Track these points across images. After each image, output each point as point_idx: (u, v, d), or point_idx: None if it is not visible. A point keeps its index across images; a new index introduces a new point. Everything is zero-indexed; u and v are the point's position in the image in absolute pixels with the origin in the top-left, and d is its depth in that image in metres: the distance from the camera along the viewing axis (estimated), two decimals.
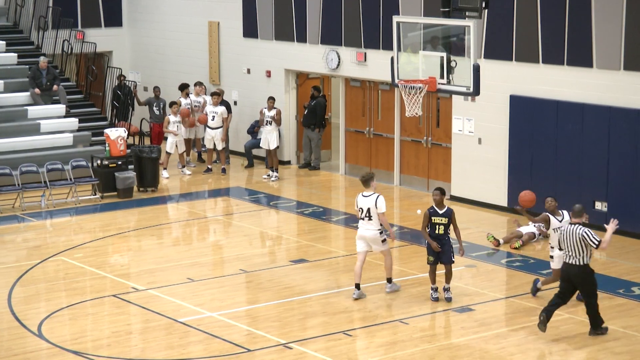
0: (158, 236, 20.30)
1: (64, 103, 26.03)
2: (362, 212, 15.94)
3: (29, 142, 24.29)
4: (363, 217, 15.95)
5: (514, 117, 21.16)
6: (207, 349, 14.12)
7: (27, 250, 19.29)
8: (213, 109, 25.48)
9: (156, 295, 16.35)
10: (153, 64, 29.92)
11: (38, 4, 28.37)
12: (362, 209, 16.00)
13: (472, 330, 14.80)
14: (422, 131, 23.63)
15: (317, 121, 25.58)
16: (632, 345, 14.17)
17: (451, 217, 15.79)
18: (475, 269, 17.84)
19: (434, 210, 15.83)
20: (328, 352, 13.92)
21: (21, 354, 14.00)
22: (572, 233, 14.10)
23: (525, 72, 20.95)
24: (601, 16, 19.52)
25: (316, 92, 25.66)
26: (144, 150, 23.76)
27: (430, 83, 16.68)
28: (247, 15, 26.90)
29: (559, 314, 15.30)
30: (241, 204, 22.86)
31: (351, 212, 21.54)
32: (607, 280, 17.01)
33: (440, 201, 15.79)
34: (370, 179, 16.24)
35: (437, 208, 15.82)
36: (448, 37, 16.74)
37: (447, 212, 15.79)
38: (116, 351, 14.08)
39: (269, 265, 18.04)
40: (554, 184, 20.53)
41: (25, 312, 15.61)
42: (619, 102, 19.44)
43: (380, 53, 23.50)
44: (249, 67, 27.12)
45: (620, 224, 19.36)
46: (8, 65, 26.72)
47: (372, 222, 15.90)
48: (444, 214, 15.74)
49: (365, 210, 15.90)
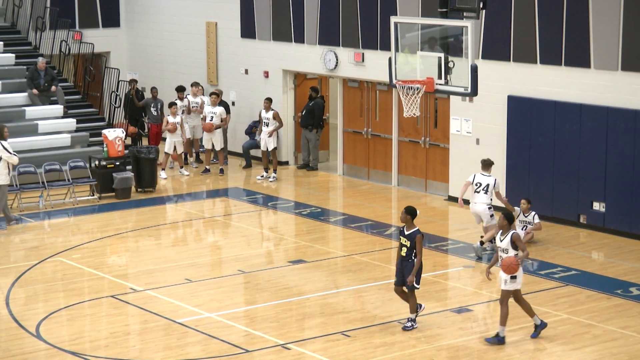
0: (156, 237, 20.29)
1: (61, 104, 26.02)
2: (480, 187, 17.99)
3: (27, 142, 24.25)
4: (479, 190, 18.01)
5: (512, 117, 21.17)
6: (205, 349, 14.12)
7: (25, 251, 19.28)
8: (211, 110, 25.48)
9: (154, 296, 16.35)
10: (151, 65, 29.91)
11: (35, 4, 28.36)
12: (480, 183, 18.12)
13: (470, 331, 14.80)
14: (419, 132, 23.63)
15: (314, 122, 25.59)
16: (630, 346, 14.17)
17: (414, 241, 14.50)
18: (473, 269, 17.85)
19: (402, 229, 14.75)
20: (326, 353, 13.92)
21: (19, 354, 13.99)
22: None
23: (523, 73, 20.96)
24: (599, 17, 19.54)
25: (314, 93, 25.66)
26: (141, 150, 23.75)
27: (428, 83, 16.68)
28: (244, 15, 26.90)
29: (558, 314, 15.32)
30: (239, 204, 22.86)
31: (349, 213, 21.55)
32: (605, 281, 17.03)
33: (404, 221, 14.63)
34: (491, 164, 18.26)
35: (405, 228, 14.69)
36: (446, 38, 16.74)
37: (411, 235, 14.54)
38: (114, 352, 14.08)
39: (267, 265, 18.04)
40: (552, 185, 20.55)
41: (23, 313, 15.60)
42: (616, 102, 19.45)
43: (378, 53, 23.50)
44: (247, 67, 27.12)
45: (618, 225, 19.50)
46: (6, 65, 26.70)
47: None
48: (408, 236, 14.54)
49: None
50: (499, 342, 14.16)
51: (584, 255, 18.53)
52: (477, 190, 18.38)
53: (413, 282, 14.51)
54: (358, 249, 18.94)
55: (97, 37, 29.27)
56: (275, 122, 24.79)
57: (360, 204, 22.47)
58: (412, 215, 14.61)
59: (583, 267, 17.82)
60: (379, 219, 21.02)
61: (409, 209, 14.64)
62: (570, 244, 19.33)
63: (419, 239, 14.49)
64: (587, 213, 19.99)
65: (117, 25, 30.41)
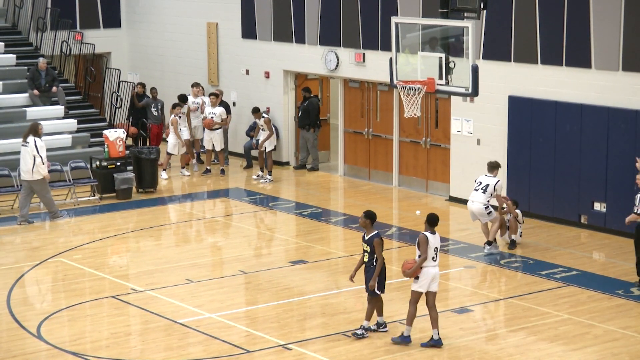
0: (157, 237, 20.30)
1: (62, 104, 26.03)
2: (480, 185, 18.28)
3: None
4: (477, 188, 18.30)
5: (513, 117, 21.18)
6: (206, 350, 14.12)
7: (26, 251, 19.29)
8: (212, 110, 25.49)
9: (155, 297, 16.35)
10: (152, 65, 29.92)
11: (36, 5, 28.38)
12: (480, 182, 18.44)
13: (471, 331, 14.80)
14: (420, 132, 23.63)
15: (311, 121, 25.56)
16: (631, 346, 14.18)
17: (372, 245, 14.23)
18: (474, 269, 17.85)
19: (363, 234, 14.49)
20: (327, 353, 13.92)
21: (20, 355, 14.00)
22: None
23: (523, 73, 20.96)
24: (599, 17, 19.54)
25: (307, 93, 25.68)
26: (142, 151, 23.76)
27: (428, 84, 16.67)
28: (245, 16, 26.91)
29: (559, 315, 15.32)
30: (240, 205, 22.87)
31: (350, 213, 21.55)
32: (606, 281, 17.04)
33: (364, 225, 14.36)
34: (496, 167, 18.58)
35: (365, 233, 14.41)
36: (446, 38, 16.74)
37: (370, 240, 14.27)
38: (115, 352, 14.08)
39: (268, 266, 18.04)
40: (553, 185, 20.55)
41: (24, 314, 15.61)
42: (617, 102, 19.45)
43: (379, 54, 23.50)
44: (248, 68, 27.12)
45: (619, 225, 19.49)
46: (7, 66, 26.72)
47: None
48: (367, 241, 14.27)
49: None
50: (403, 341, 14.14)
51: (584, 255, 18.53)
52: (476, 189, 18.51)
53: (374, 288, 14.22)
54: (359, 249, 18.86)
55: (98, 38, 29.29)
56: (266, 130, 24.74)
57: (361, 204, 22.45)
58: (371, 219, 14.29)
59: (584, 267, 17.82)
60: (380, 220, 20.89)
61: (367, 213, 14.33)
62: (571, 244, 19.33)
63: (377, 243, 14.17)
64: (588, 213, 19.99)
65: (118, 25, 30.42)
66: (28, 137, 20.94)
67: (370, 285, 14.22)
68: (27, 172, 20.80)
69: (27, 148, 20.81)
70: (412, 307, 14.15)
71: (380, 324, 14.60)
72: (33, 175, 20.77)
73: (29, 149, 20.78)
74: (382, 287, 14.37)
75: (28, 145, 20.81)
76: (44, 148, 20.95)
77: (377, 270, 14.20)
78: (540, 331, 14.72)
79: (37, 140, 20.85)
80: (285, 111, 26.27)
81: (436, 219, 14.30)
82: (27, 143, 20.84)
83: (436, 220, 14.29)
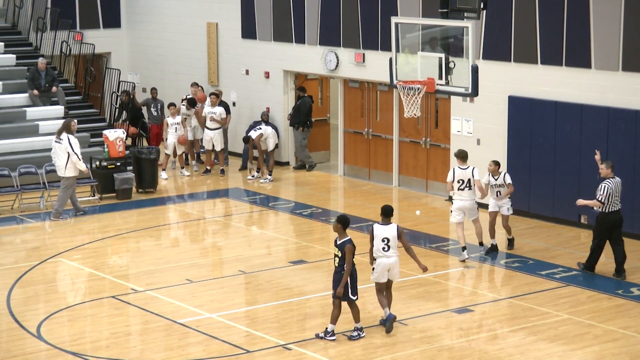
0: (157, 237, 20.30)
1: (62, 104, 26.03)
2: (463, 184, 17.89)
3: (28, 143, 24.29)
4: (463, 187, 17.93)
5: (513, 117, 21.18)
6: (206, 350, 14.12)
7: (25, 251, 19.28)
8: (211, 110, 25.48)
9: (155, 297, 16.35)
10: (152, 65, 29.92)
11: (36, 5, 28.37)
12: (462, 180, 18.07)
13: (471, 331, 14.80)
14: (420, 132, 23.63)
15: (300, 120, 25.53)
16: (631, 346, 14.18)
17: (343, 251, 14.10)
18: (474, 269, 17.85)
19: (335, 239, 14.34)
20: (327, 354, 13.92)
21: (20, 355, 14.00)
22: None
23: (523, 73, 20.96)
24: (599, 17, 19.54)
25: (301, 92, 25.69)
26: (142, 151, 23.76)
27: (428, 84, 16.68)
28: (245, 16, 26.91)
29: (559, 315, 15.32)
30: (240, 205, 22.86)
31: (350, 213, 21.54)
32: (606, 281, 17.03)
33: (336, 230, 14.26)
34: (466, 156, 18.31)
35: (337, 238, 14.26)
36: (446, 38, 16.75)
37: (341, 245, 14.13)
38: (115, 352, 14.08)
39: (268, 266, 18.04)
40: (553, 185, 20.55)
41: (24, 314, 15.60)
42: (617, 102, 19.45)
43: (379, 54, 23.50)
44: (248, 68, 27.12)
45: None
46: (6, 66, 26.71)
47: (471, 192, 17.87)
48: (339, 246, 14.14)
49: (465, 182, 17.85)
50: (388, 319, 14.65)
51: (584, 255, 18.48)
52: (461, 188, 18.27)
53: (341, 294, 14.10)
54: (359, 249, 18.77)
55: (97, 38, 29.28)
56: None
57: (361, 204, 22.47)
58: (343, 224, 14.23)
59: None
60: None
61: (340, 218, 14.29)
62: (571, 244, 19.33)
63: (349, 249, 14.03)
64: (588, 213, 19.97)
65: (118, 25, 30.41)
66: (61, 134, 21.23)
67: (338, 292, 14.13)
68: (60, 168, 21.14)
69: (61, 145, 21.12)
70: (379, 295, 14.77)
71: (359, 329, 14.43)
72: (65, 172, 21.07)
73: (62, 146, 21.08)
74: (354, 292, 14.28)
75: (62, 142, 21.13)
76: (77, 144, 21.25)
77: (345, 277, 14.08)
78: (540, 331, 14.72)
79: (70, 137, 21.16)
80: (285, 111, 26.27)
81: (389, 210, 14.59)
82: (61, 140, 21.17)
83: (389, 211, 14.58)
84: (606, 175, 17.18)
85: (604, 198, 17.00)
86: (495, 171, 18.55)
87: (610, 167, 17.23)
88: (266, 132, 24.91)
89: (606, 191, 17.00)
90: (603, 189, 17.01)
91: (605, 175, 17.19)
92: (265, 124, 25.27)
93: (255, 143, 24.83)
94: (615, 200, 17.12)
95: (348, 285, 14.16)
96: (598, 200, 17.05)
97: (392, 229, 14.59)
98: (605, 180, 17.13)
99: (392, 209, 14.73)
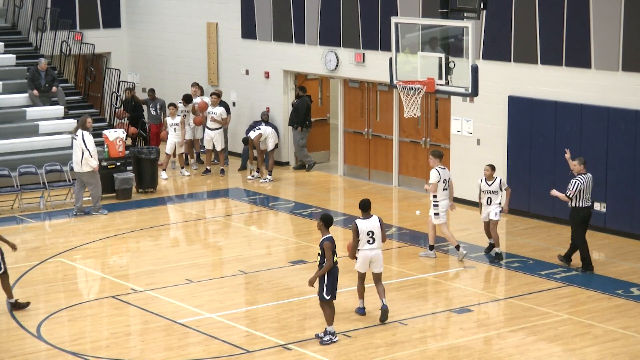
0: (157, 237, 20.30)
1: (62, 104, 26.03)
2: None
3: (28, 143, 24.28)
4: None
5: (513, 117, 21.17)
6: (206, 350, 14.13)
7: (25, 251, 19.27)
8: (211, 110, 25.49)
9: (155, 297, 16.35)
10: (152, 65, 29.92)
11: (36, 5, 28.37)
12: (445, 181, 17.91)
13: (471, 331, 14.80)
14: (420, 132, 23.63)
15: (298, 120, 25.53)
16: (631, 346, 14.17)
17: (322, 248, 14.08)
18: (475, 269, 17.84)
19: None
20: (327, 354, 13.92)
21: (20, 355, 14.00)
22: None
23: (523, 73, 20.95)
24: (599, 17, 19.54)
25: (301, 91, 25.69)
26: (142, 151, 23.76)
27: (428, 84, 16.69)
28: (245, 16, 26.91)
29: (559, 315, 15.32)
30: (240, 205, 22.86)
31: (350, 213, 21.54)
32: (606, 281, 17.03)
33: (319, 228, 14.29)
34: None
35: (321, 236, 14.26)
36: (446, 38, 16.75)
37: (320, 243, 14.15)
38: (115, 352, 14.08)
39: (268, 266, 18.04)
40: (553, 185, 20.50)
41: (24, 314, 15.60)
42: (617, 102, 19.45)
43: (379, 54, 23.50)
44: (248, 68, 27.12)
45: (619, 225, 19.51)
46: (6, 66, 26.72)
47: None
48: (320, 244, 14.20)
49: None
50: (359, 312, 15.25)
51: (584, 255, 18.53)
52: (445, 188, 18.19)
53: (311, 283, 14.21)
54: None
55: (97, 38, 29.29)
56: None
57: None
58: (325, 222, 14.22)
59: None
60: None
61: (322, 216, 14.31)
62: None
63: (327, 246, 13.99)
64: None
65: (118, 26, 30.41)
66: (77, 131, 21.40)
67: (310, 280, 14.25)
68: (77, 163, 21.34)
69: (77, 141, 21.27)
70: (359, 283, 15.23)
71: (331, 333, 14.29)
72: (82, 167, 21.24)
73: (78, 142, 21.22)
74: (331, 293, 14.18)
75: (77, 138, 21.28)
76: (92, 141, 21.37)
77: (321, 271, 14.08)
78: (540, 331, 14.72)
79: (84, 133, 21.29)
80: (285, 111, 26.27)
81: (368, 203, 14.97)
82: (77, 136, 21.34)
83: (367, 205, 14.97)
84: (578, 171, 17.51)
85: (572, 194, 17.34)
86: (490, 176, 18.21)
87: (583, 163, 17.55)
88: (265, 133, 24.91)
89: (576, 187, 17.32)
90: (573, 185, 17.36)
91: (578, 171, 17.51)
92: (265, 124, 25.28)
93: (255, 144, 24.84)
94: (586, 197, 17.47)
95: (324, 284, 14.10)
96: (567, 196, 17.40)
97: (375, 220, 14.96)
98: (577, 177, 17.44)
99: (370, 202, 15.06)
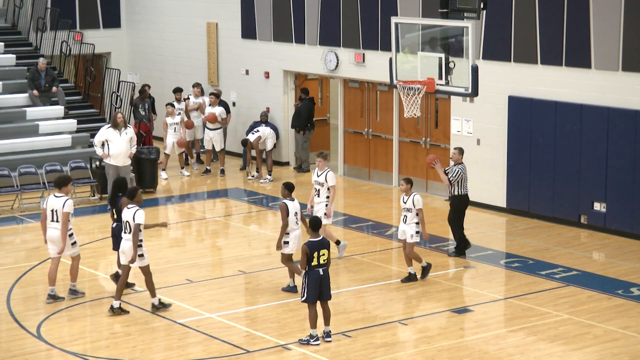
0: (157, 237, 20.29)
1: (62, 104, 26.03)
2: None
3: (28, 143, 24.28)
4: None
5: (513, 117, 21.18)
6: (206, 350, 14.12)
7: (25, 251, 19.28)
8: (212, 110, 25.48)
9: None
10: (152, 65, 29.92)
11: (36, 5, 28.37)
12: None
13: (471, 331, 14.80)
14: (420, 132, 23.63)
15: (300, 123, 25.52)
16: (631, 346, 14.17)
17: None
18: (475, 270, 17.85)
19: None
20: (327, 354, 13.92)
21: (20, 355, 14.00)
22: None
23: (523, 73, 20.96)
24: (599, 17, 19.54)
25: (303, 94, 25.67)
26: (142, 151, 23.75)
27: (428, 84, 16.68)
28: (245, 16, 26.91)
29: (559, 315, 15.32)
30: (240, 205, 22.86)
31: (350, 213, 21.56)
32: (606, 281, 17.03)
33: (309, 231, 14.36)
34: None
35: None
36: (446, 38, 16.74)
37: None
38: (115, 352, 14.08)
39: (268, 266, 18.03)
40: (553, 185, 20.54)
41: (24, 314, 15.60)
42: (617, 102, 19.45)
43: (379, 54, 23.50)
44: (248, 68, 27.12)
45: (619, 225, 19.50)
46: (6, 66, 26.72)
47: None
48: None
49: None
50: (290, 290, 16.23)
51: (584, 255, 18.53)
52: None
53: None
54: (359, 249, 18.94)
55: (97, 38, 29.28)
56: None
57: (361, 204, 22.47)
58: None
59: (584, 267, 17.82)
60: (380, 220, 21.03)
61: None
62: (571, 244, 19.33)
63: (303, 249, 13.99)
64: (588, 213, 19.99)
65: (118, 26, 30.41)
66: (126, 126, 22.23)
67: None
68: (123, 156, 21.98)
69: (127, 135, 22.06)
70: (289, 264, 16.16)
71: (312, 336, 14.20)
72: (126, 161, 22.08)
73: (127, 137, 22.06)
74: (306, 296, 14.05)
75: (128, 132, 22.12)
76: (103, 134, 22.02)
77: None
78: (540, 331, 14.73)
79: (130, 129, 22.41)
80: (285, 111, 26.27)
81: (292, 186, 16.16)
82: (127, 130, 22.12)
83: (292, 187, 16.14)
84: (457, 160, 18.34)
85: (454, 180, 18.19)
86: (406, 191, 16.78)
87: (462, 153, 18.46)
88: (264, 134, 24.92)
89: (458, 174, 18.18)
90: (456, 172, 18.20)
91: (457, 160, 18.35)
92: (264, 125, 25.28)
93: (254, 146, 24.84)
94: (465, 185, 18.34)
95: (304, 287, 14.02)
96: (448, 180, 18.27)
97: (297, 203, 16.15)
98: (458, 165, 18.28)
99: (294, 185, 16.27)
